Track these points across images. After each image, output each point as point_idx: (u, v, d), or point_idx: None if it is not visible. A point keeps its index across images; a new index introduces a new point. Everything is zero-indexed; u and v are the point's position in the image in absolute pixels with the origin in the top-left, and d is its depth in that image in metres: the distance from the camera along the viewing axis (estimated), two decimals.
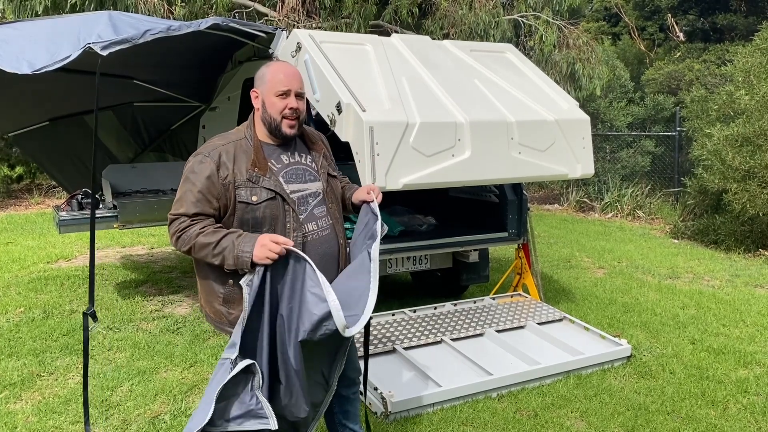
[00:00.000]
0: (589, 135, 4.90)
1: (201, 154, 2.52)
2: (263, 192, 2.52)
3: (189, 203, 2.46)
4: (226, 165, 2.49)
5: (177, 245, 2.48)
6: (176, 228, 2.46)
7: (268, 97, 2.59)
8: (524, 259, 5.58)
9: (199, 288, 2.69)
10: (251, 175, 2.52)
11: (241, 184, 2.50)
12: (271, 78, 2.59)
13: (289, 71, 2.65)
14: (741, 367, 4.55)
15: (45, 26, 4.51)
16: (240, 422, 2.34)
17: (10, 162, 14.09)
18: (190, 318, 5.54)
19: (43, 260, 7.80)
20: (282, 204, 2.56)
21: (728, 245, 8.61)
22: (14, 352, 4.74)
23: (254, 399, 2.35)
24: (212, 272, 2.55)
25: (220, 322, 2.63)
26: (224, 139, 2.59)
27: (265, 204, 2.52)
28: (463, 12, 10.38)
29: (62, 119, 6.54)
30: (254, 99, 2.64)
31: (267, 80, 2.60)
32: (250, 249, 2.33)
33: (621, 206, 11.72)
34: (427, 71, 4.71)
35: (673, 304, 6.04)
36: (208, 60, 5.87)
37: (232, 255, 2.36)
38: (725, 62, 11.76)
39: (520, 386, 4.12)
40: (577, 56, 11.11)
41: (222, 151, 2.52)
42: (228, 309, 2.57)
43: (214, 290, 2.59)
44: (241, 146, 2.57)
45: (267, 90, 2.59)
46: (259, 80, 2.63)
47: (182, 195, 2.49)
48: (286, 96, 2.58)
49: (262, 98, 2.60)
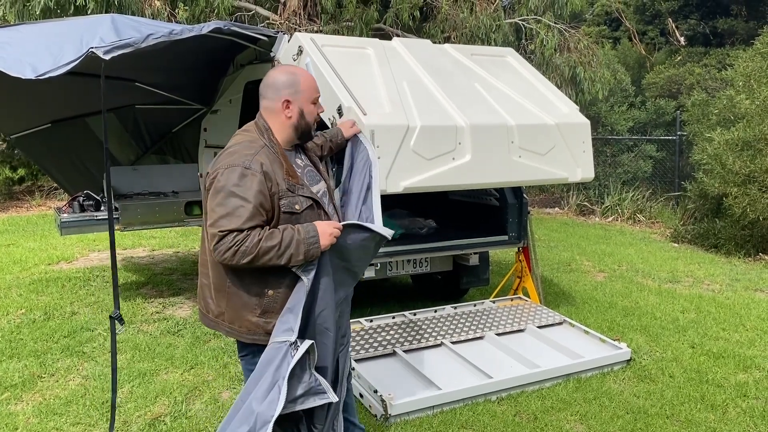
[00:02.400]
0: (590, 139, 4.92)
1: (240, 167, 2.40)
2: (303, 200, 2.53)
3: (243, 219, 2.37)
4: (269, 176, 2.43)
5: (234, 259, 2.36)
6: (231, 243, 2.35)
7: (306, 106, 2.61)
8: (524, 263, 5.59)
9: (226, 306, 2.57)
10: (289, 184, 2.50)
11: (283, 194, 2.47)
12: (307, 86, 2.62)
13: (313, 77, 2.71)
14: (740, 371, 4.55)
15: (48, 29, 4.53)
16: (303, 401, 2.45)
17: (12, 164, 14.11)
18: (190, 320, 5.55)
19: (45, 262, 7.82)
20: (317, 209, 2.59)
21: (728, 249, 8.61)
22: (15, 354, 4.76)
23: (312, 377, 2.46)
24: (249, 286, 2.51)
25: (254, 334, 2.56)
26: (252, 148, 2.49)
27: (306, 212, 2.53)
28: (464, 16, 10.40)
29: (64, 121, 6.56)
30: (285, 108, 2.57)
31: (302, 89, 2.60)
32: (316, 239, 2.42)
33: (621, 210, 11.73)
34: (428, 75, 4.73)
35: (673, 308, 6.04)
36: (209, 63, 5.89)
37: (303, 249, 2.40)
38: (726, 66, 11.79)
39: (520, 389, 4.13)
40: (578, 60, 11.13)
41: (262, 161, 2.44)
42: (266, 320, 2.53)
43: (250, 304, 2.53)
44: (269, 155, 2.50)
45: (305, 98, 2.60)
46: (291, 88, 2.58)
47: (232, 210, 2.37)
48: (317, 102, 2.67)
49: (299, 107, 2.59)
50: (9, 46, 3.98)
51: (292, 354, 2.38)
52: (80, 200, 5.91)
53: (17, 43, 4.06)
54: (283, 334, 2.43)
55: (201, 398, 4.05)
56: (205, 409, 3.89)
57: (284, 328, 2.44)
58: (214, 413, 3.83)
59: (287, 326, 2.43)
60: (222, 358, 4.67)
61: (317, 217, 2.58)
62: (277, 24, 9.88)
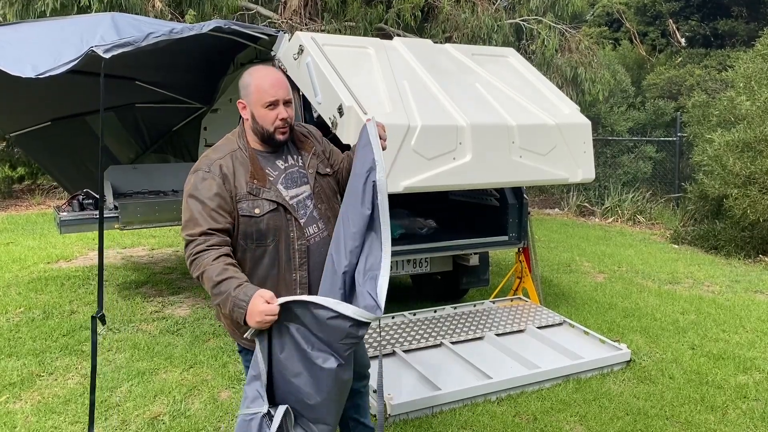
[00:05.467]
0: (590, 139, 4.91)
1: (201, 170, 2.43)
2: (265, 204, 2.47)
3: (202, 221, 2.36)
4: (228, 178, 2.43)
5: (190, 268, 2.37)
6: (191, 251, 2.35)
7: (257, 109, 2.49)
8: (524, 263, 5.58)
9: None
10: (251, 187, 2.46)
11: (242, 198, 2.44)
12: (257, 89, 2.48)
13: (274, 79, 2.53)
14: (740, 373, 4.55)
15: (48, 28, 4.52)
16: None
17: (12, 162, 14.10)
18: (190, 319, 5.54)
19: (44, 260, 7.81)
20: (284, 214, 2.52)
21: (728, 251, 8.60)
22: (14, 352, 4.75)
23: None
24: None
25: (232, 334, 2.62)
26: (219, 152, 2.50)
27: (268, 216, 2.47)
28: (465, 16, 10.40)
29: (64, 120, 6.55)
30: (242, 110, 2.54)
31: (252, 91, 2.49)
32: (244, 307, 2.21)
33: (621, 211, 11.72)
34: (428, 75, 4.71)
35: (673, 310, 6.04)
36: (210, 62, 5.89)
37: (229, 307, 2.26)
38: (726, 68, 11.78)
39: (520, 390, 4.12)
40: (579, 61, 11.13)
41: (221, 164, 2.45)
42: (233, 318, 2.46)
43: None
44: (237, 158, 2.49)
45: (254, 101, 2.49)
46: (244, 90, 2.52)
47: (191, 215, 2.37)
48: (275, 106, 2.49)
49: (250, 110, 2.51)
50: (9, 45, 3.97)
51: (268, 425, 2.23)
52: (80, 199, 5.90)
53: (17, 41, 4.05)
54: (252, 403, 2.27)
55: (200, 397, 4.04)
56: (204, 408, 3.88)
57: (253, 396, 2.27)
58: (212, 412, 3.82)
59: (255, 394, 2.27)
60: (221, 358, 4.66)
61: (284, 222, 2.51)
62: (278, 23, 9.87)
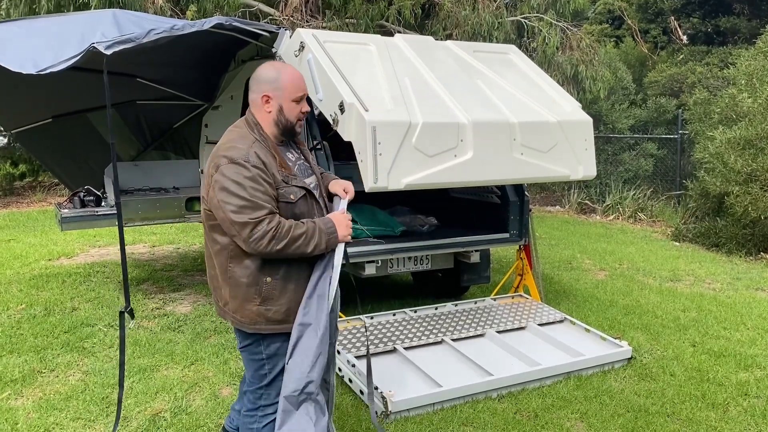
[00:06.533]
0: (592, 136, 4.90)
1: (242, 159, 2.46)
2: (297, 190, 2.59)
3: (263, 203, 2.44)
4: (267, 166, 2.50)
5: (268, 246, 2.43)
6: (266, 230, 2.42)
7: (286, 103, 2.60)
8: (525, 261, 5.58)
9: (230, 297, 2.62)
10: (283, 175, 2.56)
11: (279, 184, 2.54)
12: (289, 84, 2.61)
13: (300, 75, 2.70)
14: (741, 370, 4.55)
15: (49, 24, 4.53)
16: None
17: (13, 159, 14.12)
18: (191, 316, 5.55)
19: (45, 257, 7.81)
20: (310, 200, 2.67)
21: (730, 248, 8.60)
22: (15, 349, 4.76)
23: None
24: (248, 276, 2.56)
25: (256, 323, 2.61)
26: (246, 142, 2.54)
27: (300, 201, 2.61)
28: (466, 13, 10.39)
29: (65, 116, 6.55)
30: (265, 103, 2.60)
31: (284, 86, 2.60)
32: (333, 230, 2.57)
33: (622, 208, 11.72)
34: (430, 72, 4.71)
35: (674, 307, 6.04)
36: (211, 59, 5.88)
37: (325, 239, 2.54)
38: (728, 65, 11.75)
39: (521, 387, 4.12)
40: (580, 58, 11.11)
41: (257, 152, 2.50)
42: (266, 307, 2.58)
43: (249, 294, 2.57)
44: (261, 148, 2.55)
45: (285, 96, 2.60)
46: (271, 84, 2.59)
47: (251, 199, 2.43)
48: (301, 101, 2.65)
49: (278, 103, 2.60)
50: (10, 42, 3.98)
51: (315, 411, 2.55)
52: (81, 196, 5.91)
53: (19, 38, 4.06)
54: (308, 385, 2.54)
55: (201, 394, 4.05)
56: (206, 405, 3.89)
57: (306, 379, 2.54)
58: (214, 409, 3.83)
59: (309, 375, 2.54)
60: (222, 355, 4.66)
61: (310, 207, 2.66)
62: (279, 20, 9.86)
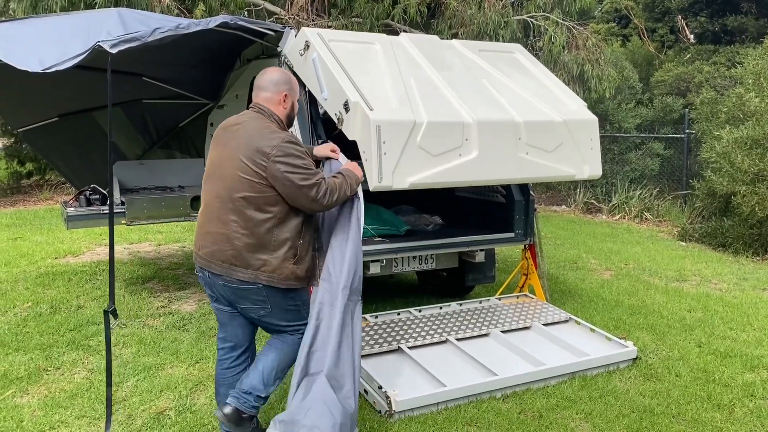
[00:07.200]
0: (597, 136, 4.88)
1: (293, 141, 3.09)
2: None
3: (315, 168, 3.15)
4: None
5: (329, 199, 3.10)
6: (325, 188, 3.08)
7: (296, 101, 3.34)
8: (530, 260, 5.56)
9: (270, 258, 3.06)
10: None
11: None
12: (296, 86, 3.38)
13: None
14: (748, 371, 4.53)
15: (55, 23, 4.54)
16: None
17: (20, 158, 14.17)
18: (196, 315, 5.56)
19: (51, 255, 7.85)
20: None
21: (736, 248, 8.56)
22: (21, 347, 4.78)
23: None
24: (288, 240, 3.08)
25: (288, 279, 3.12)
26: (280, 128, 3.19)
27: None
28: (472, 12, 10.35)
29: (71, 115, 6.56)
30: (283, 100, 3.24)
31: (295, 88, 3.34)
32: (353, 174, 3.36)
33: (629, 208, 11.68)
34: (435, 71, 4.70)
35: (680, 307, 6.01)
36: (216, 58, 5.88)
37: (352, 182, 3.29)
38: (735, 64, 11.70)
39: (525, 387, 4.11)
40: (586, 57, 11.07)
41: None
42: (298, 266, 3.14)
43: (288, 255, 3.09)
44: None
45: (296, 96, 3.34)
46: (288, 85, 3.28)
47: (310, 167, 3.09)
48: None
49: (293, 101, 3.31)
50: (17, 40, 3.99)
51: None
52: (87, 194, 5.91)
53: (25, 36, 4.07)
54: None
55: (206, 393, 4.05)
56: (210, 403, 3.89)
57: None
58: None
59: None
60: None
61: None
62: (285, 19, 9.86)
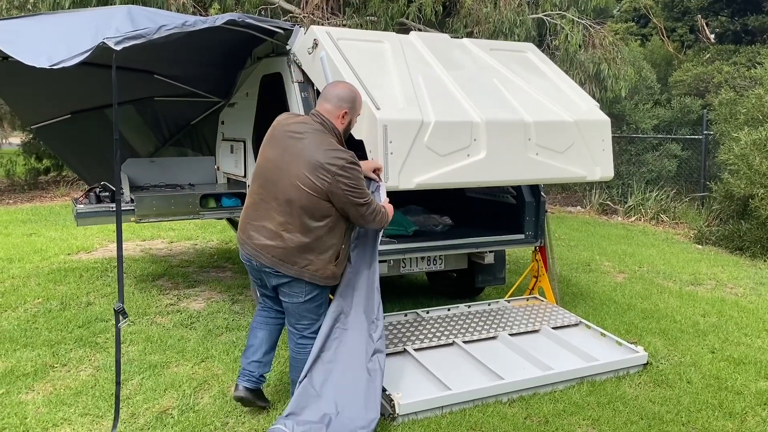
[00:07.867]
0: (609, 137, 4.81)
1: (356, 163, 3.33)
2: None
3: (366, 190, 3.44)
4: None
5: (375, 217, 3.43)
6: (373, 207, 3.42)
7: (354, 119, 3.58)
8: (541, 262, 5.49)
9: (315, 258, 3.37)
10: None
11: None
12: (359, 106, 3.60)
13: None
14: (762, 379, 4.43)
15: (65, 20, 4.55)
16: None
17: (38, 154, 14.32)
18: (204, 313, 5.55)
19: (64, 251, 7.90)
20: None
21: (754, 252, 8.41)
22: (29, 343, 4.80)
23: None
24: (335, 244, 3.40)
25: (328, 278, 3.46)
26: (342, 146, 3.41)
27: None
28: (487, 10, 10.27)
29: (84, 112, 6.59)
30: (343, 116, 3.46)
31: (356, 107, 3.55)
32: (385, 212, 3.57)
33: (645, 210, 11.53)
34: (444, 70, 4.65)
35: (693, 312, 5.90)
36: (227, 56, 5.87)
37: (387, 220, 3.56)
38: (756, 65, 11.51)
39: (532, 391, 4.05)
40: (602, 56, 10.94)
41: None
42: (337, 267, 3.47)
43: (331, 257, 3.41)
44: None
45: (355, 115, 3.57)
46: (350, 102, 3.48)
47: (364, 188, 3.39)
48: None
49: (351, 118, 3.53)
50: (26, 35, 4.00)
51: None
52: (97, 191, 5.92)
53: (35, 32, 4.08)
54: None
55: (210, 392, 4.04)
56: (213, 403, 3.88)
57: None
58: (221, 407, 3.81)
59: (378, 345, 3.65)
60: (233, 352, 4.65)
61: None
62: (300, 18, 9.84)
